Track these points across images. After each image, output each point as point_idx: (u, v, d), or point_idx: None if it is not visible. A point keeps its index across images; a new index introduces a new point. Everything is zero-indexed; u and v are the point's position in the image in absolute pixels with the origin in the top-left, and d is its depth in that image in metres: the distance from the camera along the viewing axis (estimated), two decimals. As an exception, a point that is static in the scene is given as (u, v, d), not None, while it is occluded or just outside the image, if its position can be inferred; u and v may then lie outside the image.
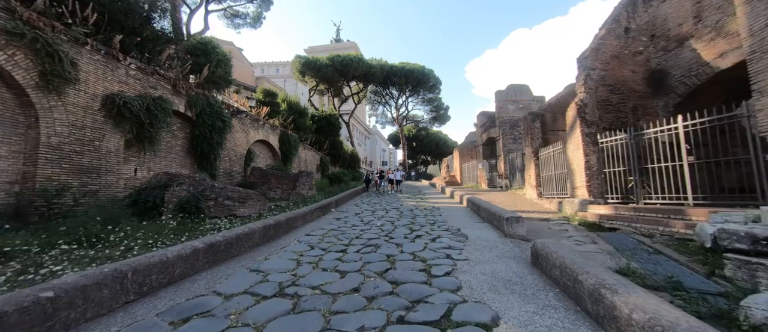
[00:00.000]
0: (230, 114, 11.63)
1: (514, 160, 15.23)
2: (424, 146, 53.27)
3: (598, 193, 7.65)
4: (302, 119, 18.84)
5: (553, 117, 11.93)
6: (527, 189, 11.98)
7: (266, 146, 15.23)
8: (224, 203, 6.83)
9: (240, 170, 12.36)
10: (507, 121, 16.68)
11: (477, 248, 4.21)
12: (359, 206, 9.44)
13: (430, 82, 37.49)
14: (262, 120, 14.24)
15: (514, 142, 16.39)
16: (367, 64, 30.94)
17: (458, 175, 26.23)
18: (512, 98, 17.31)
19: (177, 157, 9.73)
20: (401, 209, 8.68)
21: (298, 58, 29.64)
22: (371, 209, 8.73)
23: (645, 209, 5.59)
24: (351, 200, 11.52)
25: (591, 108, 8.08)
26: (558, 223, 7.06)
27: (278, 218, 5.07)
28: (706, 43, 7.45)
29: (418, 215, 7.54)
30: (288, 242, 4.64)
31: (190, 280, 2.90)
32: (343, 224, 6.24)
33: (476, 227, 5.84)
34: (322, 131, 24.19)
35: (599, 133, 7.89)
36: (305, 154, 20.06)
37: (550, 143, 11.27)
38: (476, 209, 7.66)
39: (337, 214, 7.83)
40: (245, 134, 12.92)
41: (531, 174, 11.51)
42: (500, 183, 17.10)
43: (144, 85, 8.23)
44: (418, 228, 5.75)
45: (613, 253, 4.15)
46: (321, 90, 33.60)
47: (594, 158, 7.79)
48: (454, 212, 8.06)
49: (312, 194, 11.84)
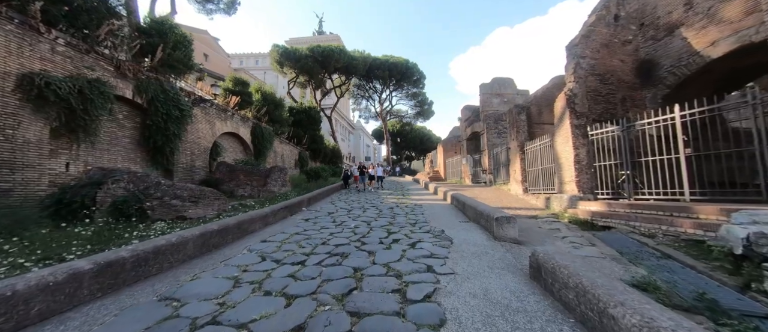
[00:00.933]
0: (191, 102, 10.41)
1: (498, 155, 14.85)
2: (409, 142, 52.81)
3: (588, 188, 7.23)
4: (278, 111, 17.63)
5: (539, 110, 11.54)
6: (512, 185, 11.58)
7: (236, 140, 14.01)
8: (171, 203, 5.81)
9: (204, 165, 11.18)
10: (491, 115, 16.29)
11: (464, 255, 3.53)
12: (335, 205, 8.61)
13: (414, 76, 36.85)
14: (231, 111, 13.02)
15: (499, 136, 16.03)
16: (349, 56, 29.83)
17: (442, 170, 25.84)
18: (497, 92, 16.93)
19: (124, 150, 8.49)
20: (380, 208, 7.94)
21: (276, 48, 28.09)
22: (347, 208, 7.93)
23: (643, 205, 5.14)
24: (327, 198, 10.65)
25: (581, 98, 7.63)
26: (547, 221, 6.56)
27: (226, 222, 4.18)
28: (696, 32, 7.13)
29: (398, 215, 6.83)
30: (235, 252, 3.77)
31: (60, 320, 2.01)
32: (311, 227, 5.41)
33: (462, 228, 5.19)
34: (301, 124, 22.98)
35: (589, 125, 7.46)
36: (282, 148, 18.89)
37: (536, 136, 10.88)
38: (461, 207, 7.04)
39: (307, 214, 6.97)
40: (210, 125, 11.70)
41: (516, 169, 11.09)
42: (484, 179, 16.74)
43: (77, 64, 6.97)
44: (397, 230, 5.02)
45: (618, 259, 3.58)
46: (302, 83, 32.19)
47: (584, 151, 7.35)
48: (437, 211, 7.41)
49: (285, 191, 10.88)
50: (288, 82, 31.32)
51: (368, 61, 32.36)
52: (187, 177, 10.18)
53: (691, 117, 5.36)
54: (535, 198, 9.26)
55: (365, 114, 46.32)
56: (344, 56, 29.06)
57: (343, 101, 51.76)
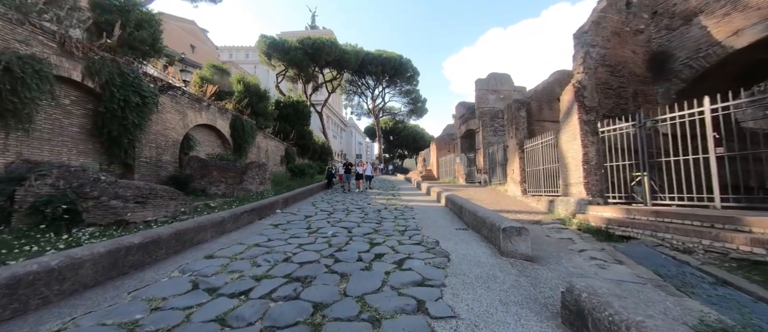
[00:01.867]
0: (157, 89, 9.27)
1: (494, 154, 14.13)
2: (401, 140, 51.99)
3: (597, 191, 6.49)
4: (262, 104, 16.49)
5: (539, 106, 10.82)
6: (510, 185, 10.84)
7: (213, 133, 12.88)
8: (110, 204, 4.80)
9: (173, 160, 10.06)
10: (487, 112, 15.56)
11: (466, 281, 2.68)
12: (315, 206, 7.67)
13: (408, 72, 36.01)
14: (207, 101, 11.89)
15: (495, 134, 15.32)
16: (340, 50, 28.73)
17: (435, 169, 25.11)
18: (493, 88, 16.20)
19: (72, 141, 7.36)
20: (367, 210, 7.06)
21: (264, 39, 26.81)
22: (328, 211, 7.02)
23: (670, 213, 4.39)
24: (308, 198, 9.70)
25: (590, 91, 6.88)
26: (554, 228, 5.79)
27: (155, 232, 3.20)
28: (718, 20, 6.44)
29: (385, 219, 5.95)
30: (160, 274, 2.83)
31: None
32: (279, 235, 4.48)
33: (460, 238, 4.35)
34: (288, 118, 21.86)
35: (599, 121, 6.72)
36: (266, 144, 17.77)
37: (536, 134, 10.15)
38: (458, 210, 6.21)
39: (280, 217, 6.02)
40: (182, 116, 10.57)
41: (514, 169, 10.35)
42: (479, 178, 16.02)
43: (5, 37, 5.84)
44: (382, 241, 4.15)
45: (663, 286, 2.79)
46: (291, 77, 30.93)
47: (593, 150, 6.61)
48: (430, 215, 6.57)
49: (263, 190, 9.87)
50: (276, 75, 30.05)
51: (361, 55, 31.33)
52: (151, 173, 9.08)
53: (725, 111, 4.62)
54: (535, 201, 8.52)
55: (357, 110, 45.25)
56: (336, 49, 27.96)
57: (335, 97, 50.55)
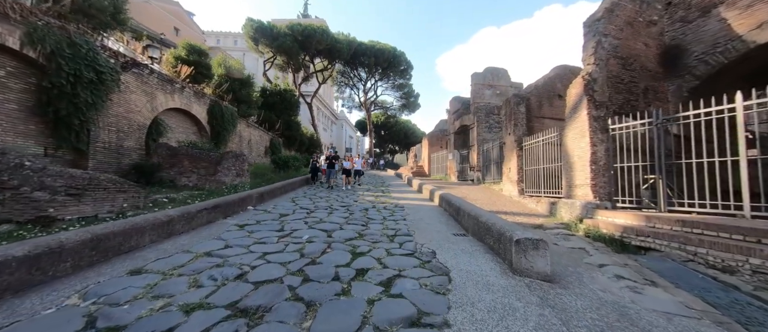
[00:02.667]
0: (119, 66, 8.20)
1: (488, 151, 13.58)
2: (393, 135, 51.22)
3: (606, 194, 5.94)
4: (245, 90, 15.40)
5: (539, 102, 10.25)
6: (505, 184, 10.29)
7: (189, 119, 11.80)
8: (32, 195, 3.88)
9: (138, 147, 9.01)
10: (483, 107, 14.97)
11: (476, 318, 1.99)
12: (296, 203, 6.86)
13: (401, 65, 35.11)
14: (181, 83, 10.80)
15: (490, 131, 14.76)
16: (332, 38, 27.55)
17: (426, 165, 24.52)
18: (489, 83, 15.61)
19: (9, 120, 6.29)
20: (352, 209, 6.31)
21: (250, 22, 25.35)
22: (309, 208, 6.23)
23: (700, 223, 3.81)
24: (289, 193, 8.85)
25: (601, 85, 6.29)
26: (560, 234, 5.20)
27: (56, 239, 2.36)
28: (740, 12, 5.92)
29: (372, 220, 5.22)
30: (47, 301, 2.02)
31: None
32: (241, 240, 3.68)
33: (459, 247, 3.67)
34: (274, 108, 20.75)
35: (609, 117, 6.15)
36: (249, 133, 16.73)
37: (535, 131, 9.60)
38: (454, 212, 5.53)
39: (250, 216, 5.20)
40: (150, 98, 9.49)
41: (511, 167, 9.79)
42: (472, 176, 15.49)
43: None
44: (367, 250, 3.43)
45: (724, 322, 2.16)
46: (280, 65, 29.58)
47: (602, 149, 6.04)
48: (423, 216, 5.88)
49: (240, 183, 8.97)
50: (264, 62, 28.66)
51: (353, 45, 30.23)
52: (110, 160, 8.04)
53: (761, 107, 4.07)
54: (534, 202, 7.96)
55: (348, 103, 44.14)
56: (327, 38, 26.78)
57: (327, 89, 49.26)
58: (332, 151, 11.48)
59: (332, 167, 11.10)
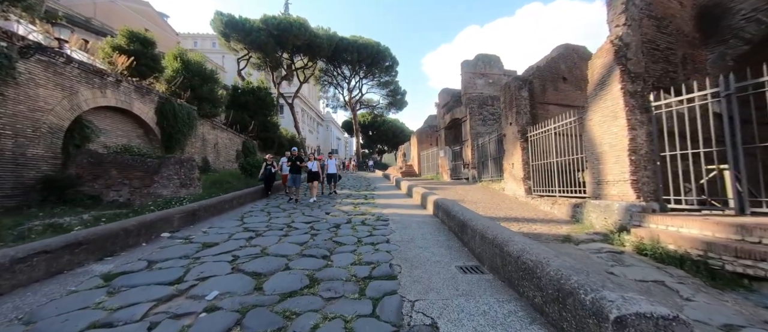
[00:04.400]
0: (16, 51, 6.31)
1: (484, 145, 12.18)
2: (381, 135, 49.69)
3: (650, 193, 4.53)
4: (207, 86, 13.48)
5: (542, 86, 8.88)
6: (508, 182, 8.86)
7: (131, 120, 9.87)
8: None
9: (50, 155, 7.11)
10: (475, 98, 13.59)
11: None
12: (245, 222, 5.14)
13: (386, 61, 33.66)
14: (115, 75, 8.89)
15: (484, 124, 13.39)
16: (311, 33, 25.74)
17: (416, 164, 23.07)
18: (481, 71, 14.26)
19: None
20: (319, 226, 4.69)
21: (220, 17, 23.30)
22: (258, 229, 4.55)
23: None
24: (244, 206, 7.06)
25: (635, 51, 4.89)
26: (602, 252, 3.74)
27: None
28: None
29: (342, 246, 3.63)
30: None
31: None
32: (71, 321, 2.00)
33: (477, 304, 2.14)
34: (247, 107, 18.86)
35: (649, 93, 4.75)
36: (216, 136, 14.82)
37: (539, 119, 8.23)
38: (458, 228, 3.96)
39: (148, 252, 3.42)
40: (68, 93, 7.58)
41: (515, 162, 8.37)
42: (466, 174, 14.08)
43: None
44: (312, 327, 1.79)
45: None
46: (257, 63, 27.58)
47: (643, 133, 4.63)
48: (414, 233, 4.31)
49: (188, 194, 7.18)
50: (238, 60, 26.57)
51: (334, 40, 28.53)
52: (3, 173, 6.14)
53: None
54: (547, 204, 6.53)
55: (333, 102, 42.35)
56: (305, 32, 24.97)
57: (312, 91, 47.29)
58: (295, 149, 8.63)
59: (297, 171, 8.01)
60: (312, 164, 8.43)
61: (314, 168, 8.37)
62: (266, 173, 8.77)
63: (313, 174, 8.37)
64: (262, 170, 8.93)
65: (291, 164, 8.14)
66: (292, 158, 8.26)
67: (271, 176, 8.84)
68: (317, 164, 8.52)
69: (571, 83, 9.29)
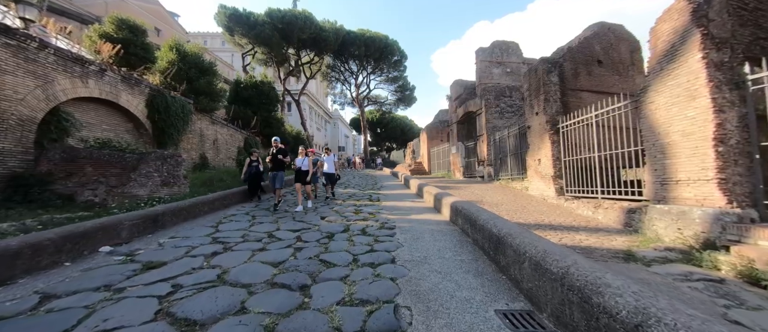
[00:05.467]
0: (-26, 33, 5.60)
1: (502, 140, 11.03)
2: (389, 132, 48.64)
3: (745, 195, 3.39)
4: (205, 79, 12.75)
5: (574, 70, 7.69)
6: (533, 181, 7.74)
7: (119, 113, 9.17)
8: None
9: (19, 150, 6.40)
10: (491, 89, 12.41)
11: None
12: (220, 229, 4.23)
13: (394, 55, 32.51)
14: (99, 64, 8.17)
15: (501, 117, 12.22)
16: (316, 26, 24.88)
17: (426, 162, 21.96)
18: (498, 59, 13.04)
19: None
20: (308, 236, 3.76)
21: (223, 10, 22.68)
22: (232, 240, 3.63)
23: None
24: (228, 209, 6.14)
25: (719, 10, 3.73)
26: (691, 279, 2.66)
27: None
28: None
29: (333, 266, 2.70)
30: None
31: None
32: None
33: None
34: (249, 102, 18.16)
35: (739, 64, 3.60)
36: (215, 131, 14.13)
37: (570, 108, 7.07)
38: (490, 245, 2.91)
39: (74, 271, 2.58)
40: (42, 82, 6.87)
41: (542, 158, 7.24)
42: (481, 172, 12.95)
43: None
44: None
45: None
46: (262, 59, 26.97)
47: (733, 116, 3.49)
48: (428, 249, 3.30)
49: (167, 195, 6.37)
50: (243, 56, 26.00)
51: (341, 34, 27.57)
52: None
53: None
54: (588, 207, 5.40)
55: (340, 99, 41.60)
56: (311, 25, 24.14)
57: (319, 88, 46.63)
58: (277, 139, 6.60)
59: (279, 167, 6.25)
60: (301, 160, 6.47)
61: (304, 166, 6.37)
62: (251, 172, 7.14)
63: (301, 175, 6.31)
64: (244, 168, 7.37)
65: (272, 158, 6.30)
66: (274, 153, 6.37)
67: (257, 176, 7.17)
68: (308, 160, 6.52)
69: (607, 66, 8.05)
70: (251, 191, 7.25)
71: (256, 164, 7.24)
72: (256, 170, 7.19)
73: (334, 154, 8.24)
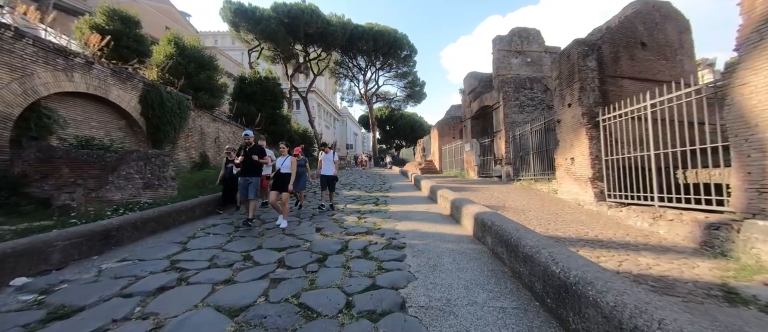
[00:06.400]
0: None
1: (523, 136, 9.98)
2: (398, 130, 47.63)
3: None
4: (205, 74, 12.14)
5: (614, 54, 6.60)
6: (564, 184, 6.72)
7: (110, 109, 8.61)
8: None
9: (-9, 149, 5.84)
10: (510, 80, 11.33)
11: None
12: (188, 248, 3.46)
13: (404, 50, 31.50)
14: (85, 56, 7.58)
15: (522, 111, 11.14)
16: (323, 20, 24.13)
17: (437, 160, 20.95)
18: (517, 48, 11.93)
19: None
20: (295, 257, 3.00)
21: (229, 5, 22.19)
22: (195, 264, 2.86)
23: None
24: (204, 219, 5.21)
25: None
26: None
27: None
28: None
29: (317, 318, 1.82)
30: None
31: None
32: None
33: None
34: (253, 98, 17.58)
35: None
36: (216, 129, 13.56)
37: (610, 99, 6.03)
38: (549, 289, 2.00)
39: None
40: (19, 75, 6.30)
41: (577, 156, 6.22)
42: (498, 171, 11.91)
43: None
44: None
45: None
46: (269, 55, 26.46)
47: None
48: (450, 282, 2.43)
49: (150, 198, 5.68)
50: (249, 52, 25.52)
51: (348, 28, 26.74)
52: None
53: None
54: (640, 218, 4.40)
55: (349, 96, 40.83)
56: (317, 19, 23.39)
57: (328, 86, 46.03)
58: (248, 134, 4.99)
59: (251, 172, 4.70)
60: (281, 160, 4.77)
61: (284, 169, 4.69)
62: (228, 174, 5.89)
63: (280, 179, 4.64)
64: (221, 171, 6.34)
65: (243, 158, 4.70)
66: (246, 150, 4.79)
67: (233, 180, 5.58)
68: (292, 160, 4.80)
69: (651, 49, 6.92)
70: (225, 197, 5.88)
71: (231, 165, 5.82)
72: (230, 174, 5.82)
73: (333, 152, 6.45)
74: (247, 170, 4.70)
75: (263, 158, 4.85)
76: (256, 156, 4.73)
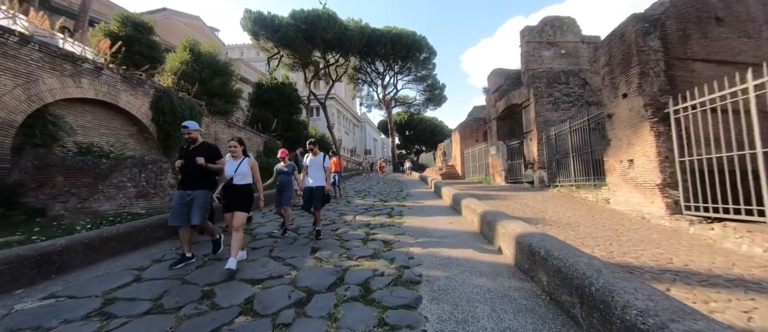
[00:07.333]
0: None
1: (560, 137, 8.74)
2: (418, 134, 46.53)
3: None
4: (219, 79, 11.98)
5: (682, 32, 5.36)
6: (620, 191, 5.50)
7: (120, 116, 8.46)
8: None
9: (-9, 157, 5.64)
10: (542, 75, 10.11)
11: None
12: (142, 277, 2.77)
13: (423, 52, 30.65)
14: (94, 62, 7.44)
15: (556, 108, 9.87)
16: (340, 25, 23.91)
17: (459, 165, 19.72)
18: (549, 39, 10.69)
19: None
20: (271, 298, 2.22)
21: (249, 15, 22.55)
22: (135, 305, 2.15)
23: None
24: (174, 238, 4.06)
25: None
26: None
27: None
28: None
29: None
30: None
31: None
32: None
33: None
34: (270, 105, 17.43)
35: None
36: (231, 135, 13.31)
37: (679, 85, 4.80)
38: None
39: None
40: (23, 81, 6.15)
41: (637, 158, 5.02)
42: (529, 176, 10.64)
43: None
44: None
45: None
46: (289, 63, 26.70)
47: None
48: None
49: (144, 209, 5.19)
50: (268, 60, 25.82)
51: (366, 32, 26.37)
52: None
53: None
54: (741, 237, 3.19)
55: (367, 101, 40.44)
56: (334, 24, 23.18)
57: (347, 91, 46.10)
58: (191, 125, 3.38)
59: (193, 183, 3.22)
60: (232, 165, 3.23)
61: (239, 179, 3.17)
62: None
63: (236, 194, 3.15)
64: None
65: (183, 160, 3.26)
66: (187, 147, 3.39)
67: None
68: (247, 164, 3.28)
69: (729, 25, 5.59)
70: None
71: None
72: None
73: (323, 154, 4.50)
74: (190, 180, 3.19)
75: (218, 160, 3.33)
76: (202, 159, 3.16)
